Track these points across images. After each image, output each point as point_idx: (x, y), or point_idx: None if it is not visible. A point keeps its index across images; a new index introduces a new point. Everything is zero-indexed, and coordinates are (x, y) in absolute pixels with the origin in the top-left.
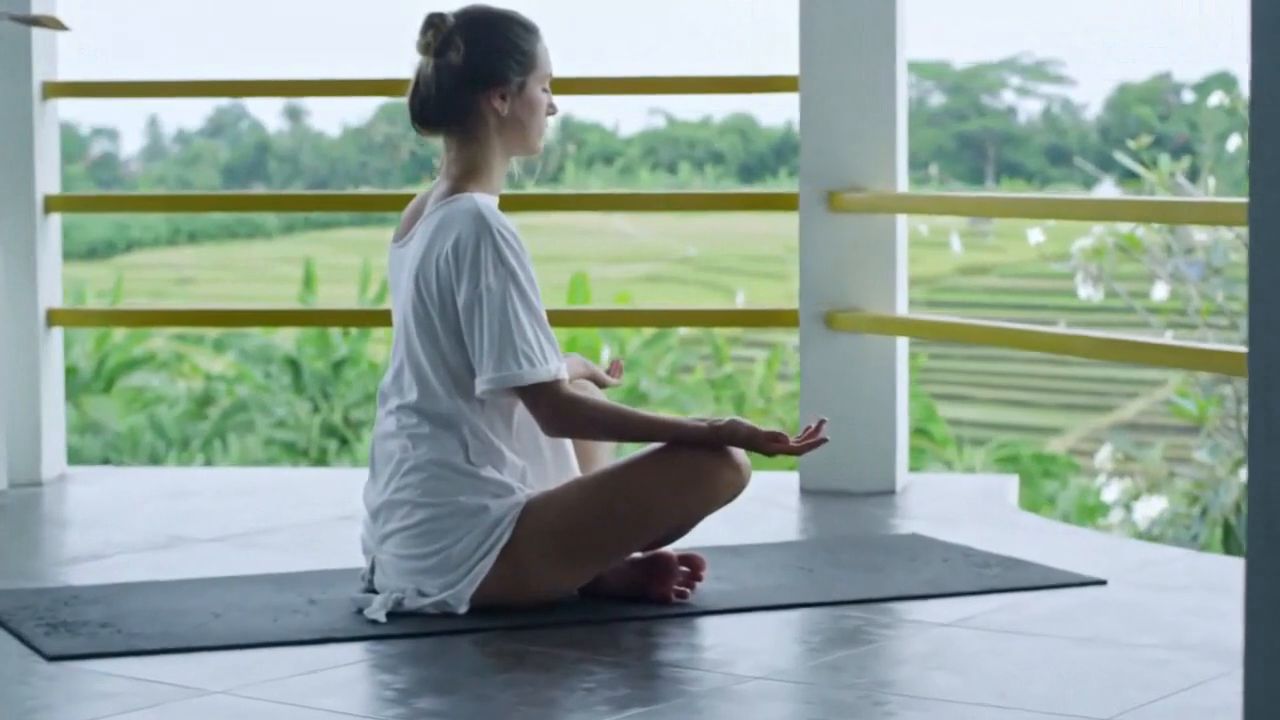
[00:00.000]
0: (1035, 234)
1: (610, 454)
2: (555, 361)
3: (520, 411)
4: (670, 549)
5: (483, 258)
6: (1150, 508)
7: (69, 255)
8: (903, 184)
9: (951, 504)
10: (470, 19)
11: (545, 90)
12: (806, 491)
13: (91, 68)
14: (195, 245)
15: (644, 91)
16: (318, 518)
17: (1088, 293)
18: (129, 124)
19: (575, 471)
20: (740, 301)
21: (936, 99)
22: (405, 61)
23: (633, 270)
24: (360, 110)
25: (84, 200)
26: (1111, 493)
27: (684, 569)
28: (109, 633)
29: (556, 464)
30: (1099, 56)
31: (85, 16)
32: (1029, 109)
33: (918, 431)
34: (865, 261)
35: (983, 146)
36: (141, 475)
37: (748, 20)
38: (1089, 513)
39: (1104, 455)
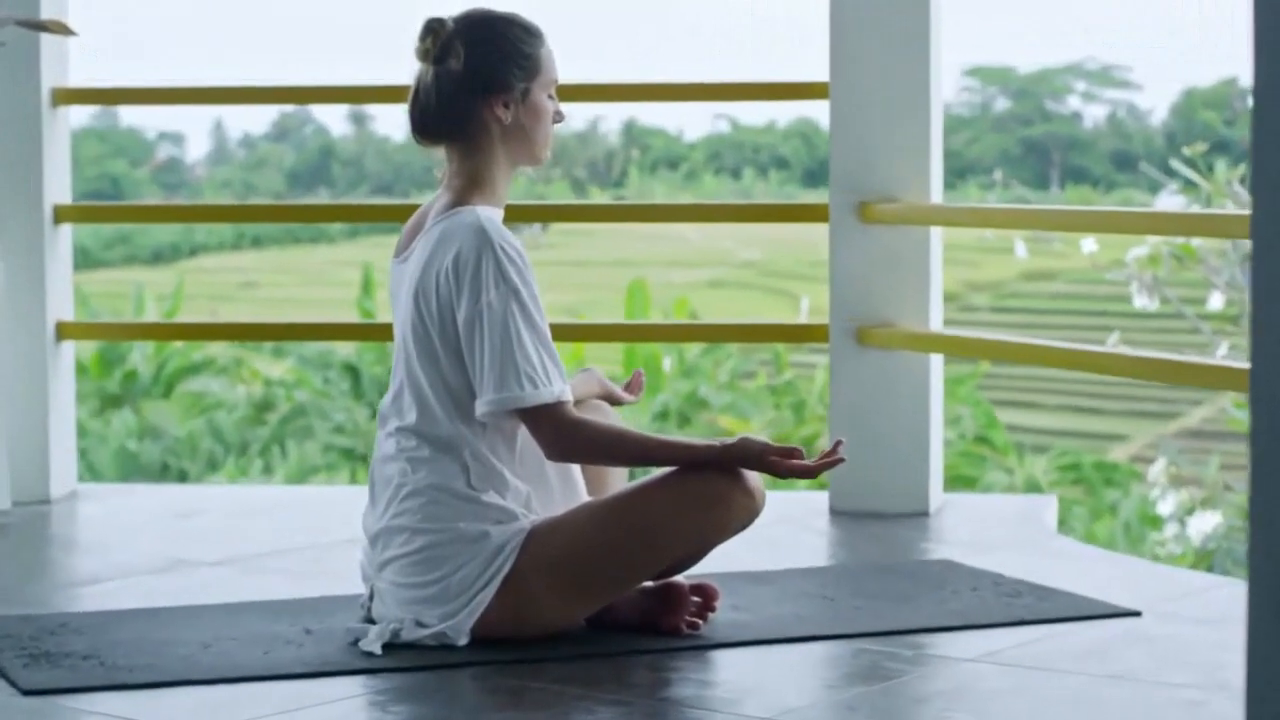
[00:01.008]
0: (1089, 243)
1: (622, 477)
2: (559, 383)
3: (524, 434)
4: (682, 577)
5: (484, 273)
6: (1205, 522)
7: (134, 260)
8: (937, 194)
9: (986, 527)
10: (470, 23)
11: (551, 97)
12: (837, 513)
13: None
14: (259, 250)
15: (666, 98)
16: (328, 540)
17: (1143, 302)
18: (194, 128)
19: (583, 496)
20: (805, 308)
21: (1001, 104)
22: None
23: (694, 275)
24: None
25: (95, 210)
26: (1167, 505)
27: (696, 599)
28: (91, 665)
29: (563, 489)
30: (1165, 61)
31: (86, 17)
32: (1094, 114)
33: (978, 439)
34: (898, 275)
35: (1048, 152)
36: (153, 493)
37: (747, 20)
38: (1151, 523)
39: (1158, 468)
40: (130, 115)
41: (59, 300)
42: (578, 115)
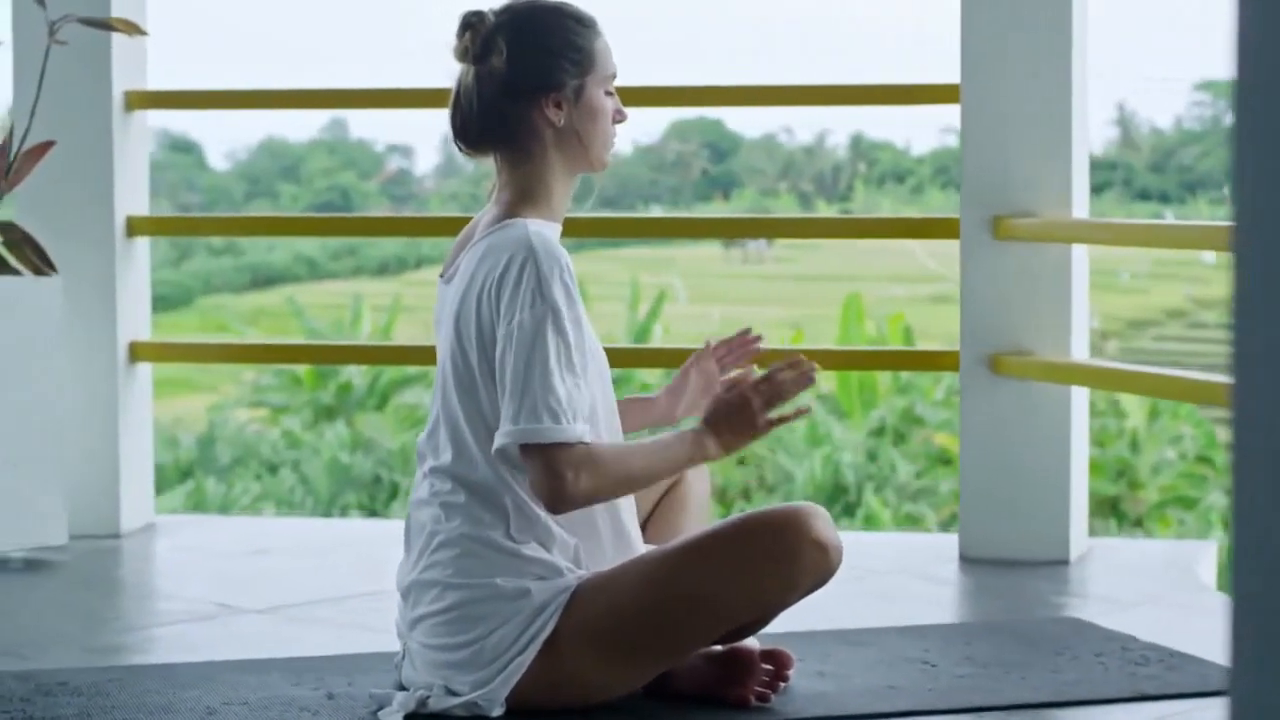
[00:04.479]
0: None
1: (698, 518)
2: (582, 423)
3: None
4: (753, 642)
5: (522, 290)
6: None
7: (360, 272)
8: (1080, 208)
9: (1131, 578)
10: (513, 15)
11: (609, 94)
12: (967, 560)
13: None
14: None
15: (794, 102)
16: (389, 586)
17: None
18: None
19: (637, 548)
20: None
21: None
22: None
23: (917, 290)
24: (651, 128)
25: (171, 222)
26: None
27: (767, 666)
28: None
29: (615, 542)
30: None
31: (164, 22)
32: None
33: (1200, 459)
34: (1037, 298)
35: None
36: (229, 526)
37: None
38: None
39: None
40: (360, 127)
41: (133, 319)
42: (805, 128)
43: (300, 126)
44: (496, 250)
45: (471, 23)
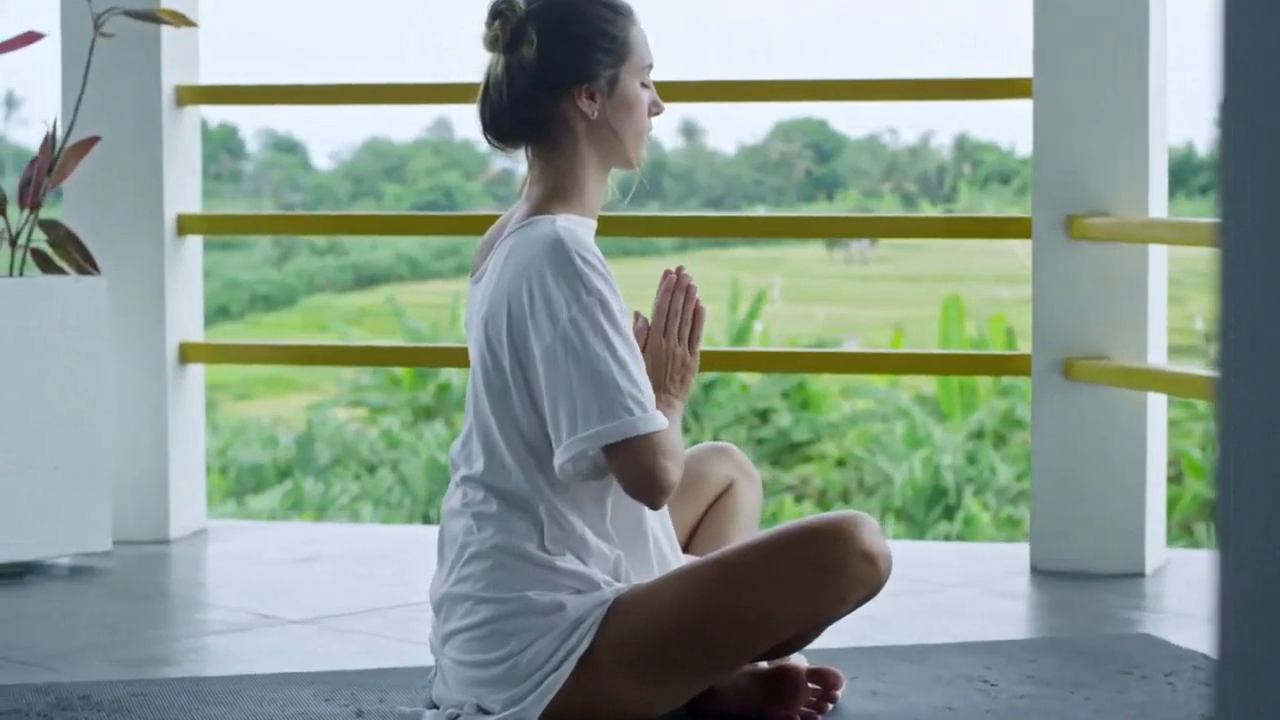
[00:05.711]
0: None
1: (747, 528)
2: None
3: (617, 488)
4: (801, 660)
5: (561, 289)
6: None
7: (463, 271)
8: (1158, 207)
9: (1209, 592)
10: (544, 3)
11: (645, 85)
12: (1038, 572)
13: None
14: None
15: (859, 97)
16: None
17: None
18: None
19: (678, 558)
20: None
21: None
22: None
23: (1023, 292)
24: (756, 128)
25: (221, 220)
26: None
27: (815, 686)
28: None
29: (662, 551)
30: None
31: (217, 16)
32: None
33: None
34: (1112, 300)
35: None
36: (283, 532)
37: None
38: None
39: None
40: (464, 127)
41: (184, 319)
42: (909, 129)
43: (405, 126)
44: (523, 249)
45: (501, 10)
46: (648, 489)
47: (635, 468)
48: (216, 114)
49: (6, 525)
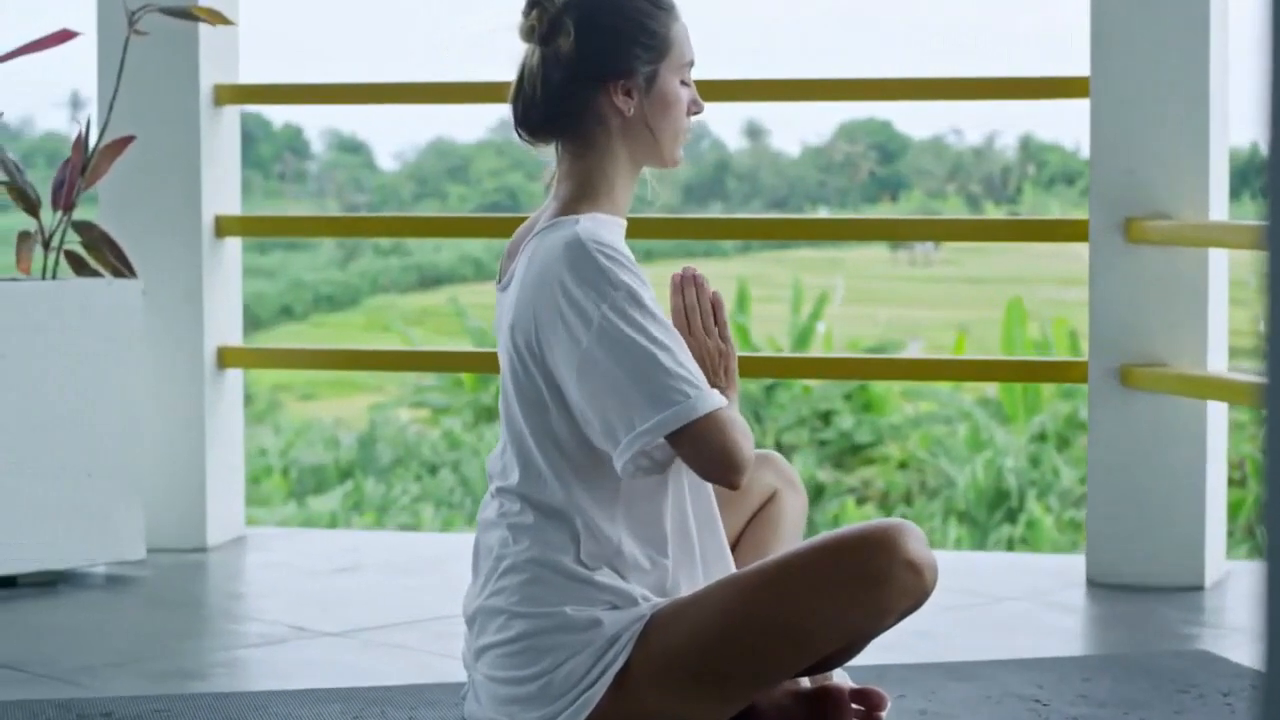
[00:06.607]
0: None
1: (790, 538)
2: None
3: (671, 498)
4: (845, 678)
5: (588, 290)
6: None
7: None
8: (1219, 209)
9: (1255, 605)
10: None
11: (685, 83)
12: (1095, 585)
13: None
14: (648, 263)
15: (917, 96)
16: None
17: None
18: None
19: (727, 566)
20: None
21: None
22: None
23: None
24: (820, 128)
25: (261, 222)
26: None
27: (858, 706)
28: None
29: (709, 562)
30: None
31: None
32: None
33: None
34: (1171, 305)
35: None
36: (321, 540)
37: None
38: None
39: None
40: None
41: (222, 322)
42: (974, 130)
43: (469, 127)
44: (542, 255)
45: (539, 0)
46: (723, 468)
47: (705, 449)
48: (282, 114)
49: (37, 533)
